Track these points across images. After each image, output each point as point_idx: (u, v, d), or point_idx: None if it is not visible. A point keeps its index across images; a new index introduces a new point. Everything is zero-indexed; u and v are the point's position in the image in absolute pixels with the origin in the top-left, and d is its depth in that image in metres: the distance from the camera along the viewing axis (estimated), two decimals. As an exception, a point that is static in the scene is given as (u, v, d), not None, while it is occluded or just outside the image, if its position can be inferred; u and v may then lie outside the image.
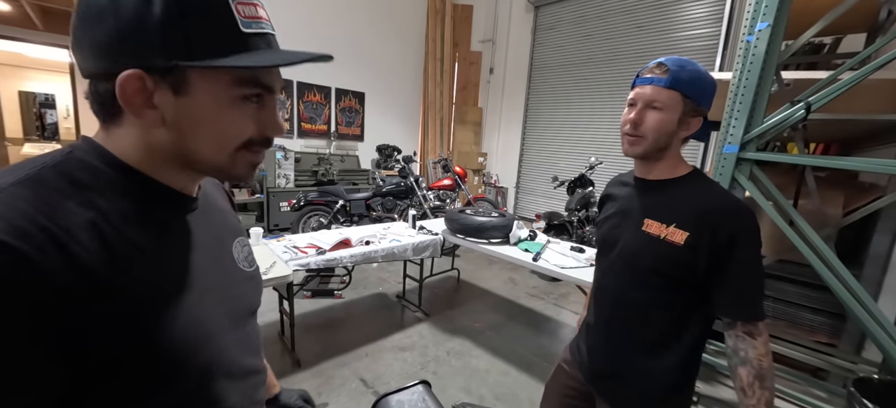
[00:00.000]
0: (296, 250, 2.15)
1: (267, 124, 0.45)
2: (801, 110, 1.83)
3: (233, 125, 0.43)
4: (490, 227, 2.53)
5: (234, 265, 0.55)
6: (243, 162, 0.45)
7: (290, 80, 5.19)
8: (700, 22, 4.41)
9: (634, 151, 0.87)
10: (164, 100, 0.40)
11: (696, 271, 0.81)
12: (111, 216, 0.38)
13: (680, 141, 0.87)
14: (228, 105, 0.42)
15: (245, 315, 0.56)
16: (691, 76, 0.81)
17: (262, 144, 0.46)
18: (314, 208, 4.08)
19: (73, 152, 0.40)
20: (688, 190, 0.86)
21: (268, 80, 0.44)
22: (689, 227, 0.81)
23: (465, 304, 3.16)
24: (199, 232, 0.49)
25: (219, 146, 0.43)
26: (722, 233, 0.78)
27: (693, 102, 0.82)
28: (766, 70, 1.90)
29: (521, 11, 6.12)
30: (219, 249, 0.54)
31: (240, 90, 0.42)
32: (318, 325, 2.64)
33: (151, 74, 0.38)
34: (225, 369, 0.48)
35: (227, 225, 0.58)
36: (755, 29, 1.93)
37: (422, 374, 2.17)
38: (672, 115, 0.82)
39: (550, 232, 3.84)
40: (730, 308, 0.80)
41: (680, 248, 0.81)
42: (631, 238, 0.91)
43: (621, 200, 0.98)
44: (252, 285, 0.58)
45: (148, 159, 0.43)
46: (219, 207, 0.58)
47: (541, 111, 6.10)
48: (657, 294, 0.87)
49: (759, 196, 1.93)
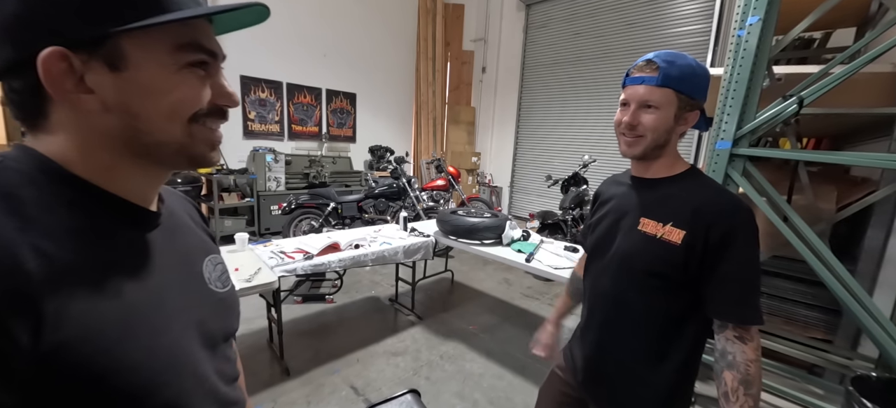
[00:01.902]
0: (283, 256, 2.09)
1: (218, 93, 0.42)
2: (794, 105, 1.81)
3: (182, 94, 0.39)
4: (482, 227, 2.49)
5: (204, 287, 0.50)
6: (201, 139, 0.42)
7: (280, 81, 5.12)
8: (691, 18, 4.41)
9: (633, 152, 0.84)
10: (101, 80, 0.35)
11: (689, 271, 0.78)
12: (55, 236, 0.33)
13: (678, 136, 0.84)
14: (174, 73, 0.38)
15: (219, 341, 0.50)
16: (682, 71, 0.78)
17: (216, 117, 0.43)
18: (305, 211, 4.01)
19: (4, 163, 0.35)
20: (685, 188, 0.83)
21: (210, 45, 0.40)
22: (685, 225, 0.78)
23: (459, 306, 3.12)
24: (163, 251, 0.44)
25: (172, 119, 0.39)
26: (717, 230, 0.75)
27: (687, 96, 0.79)
28: (758, 65, 1.88)
29: (513, 10, 6.09)
30: (187, 269, 0.49)
31: (182, 56, 0.38)
32: (308, 331, 2.59)
33: (78, 52, 0.34)
34: (199, 403, 0.43)
35: (197, 243, 0.53)
36: (746, 23, 1.90)
37: (414, 380, 2.12)
38: (668, 112, 0.79)
39: (545, 231, 3.81)
40: (721, 309, 0.76)
41: (677, 247, 0.78)
42: (626, 239, 0.87)
43: (616, 199, 0.94)
44: (226, 308, 0.53)
45: (93, 163, 0.38)
46: (187, 223, 0.53)
47: (534, 110, 6.08)
48: (654, 297, 0.83)
49: (752, 192, 1.91)
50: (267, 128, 5.10)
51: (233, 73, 4.66)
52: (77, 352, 0.32)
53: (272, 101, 5.09)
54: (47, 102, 0.36)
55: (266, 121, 5.08)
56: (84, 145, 0.37)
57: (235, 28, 0.46)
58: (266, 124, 5.09)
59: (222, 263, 0.57)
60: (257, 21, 0.44)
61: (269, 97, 5.06)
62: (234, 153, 4.78)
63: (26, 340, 0.29)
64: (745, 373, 0.73)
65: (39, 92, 0.34)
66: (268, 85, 5.02)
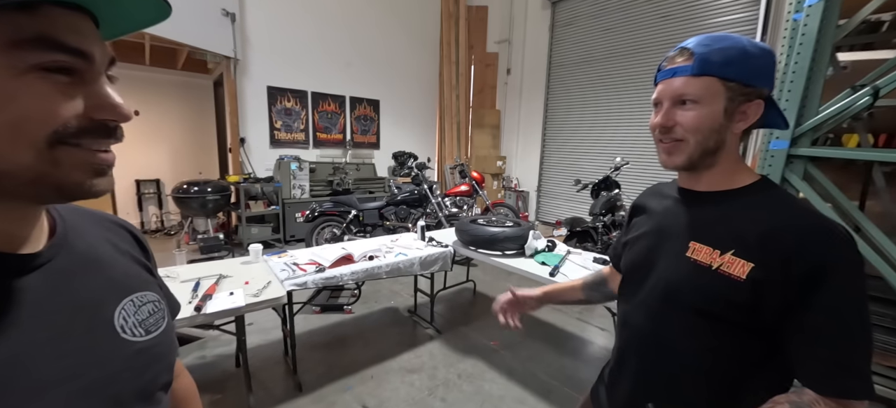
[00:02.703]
0: (295, 268, 2.04)
1: (94, 105, 0.32)
2: (867, 97, 1.54)
3: (27, 107, 0.29)
4: (503, 238, 2.34)
5: (113, 337, 0.41)
6: (73, 164, 0.32)
7: (305, 90, 5.20)
8: (734, 4, 4.04)
9: (675, 162, 0.67)
10: None
11: (761, 317, 0.59)
12: None
13: (737, 138, 0.65)
14: (10, 79, 0.28)
15: (133, 401, 0.41)
16: (726, 54, 0.61)
17: (97, 136, 0.33)
18: (328, 219, 4.01)
19: None
20: (752, 205, 0.64)
21: (74, 42, 0.31)
22: (753, 255, 0.59)
23: (480, 319, 2.97)
24: (43, 300, 0.35)
25: (14, 142, 0.29)
26: (801, 265, 0.55)
27: (739, 83, 0.61)
28: (820, 52, 1.62)
29: (538, 9, 5.89)
30: (85, 316, 0.39)
31: (26, 57, 0.29)
32: (324, 343, 2.53)
33: None
34: None
35: (111, 281, 0.43)
36: (804, 4, 1.65)
37: (429, 400, 2.00)
38: (713, 107, 0.62)
39: (573, 240, 3.59)
40: (811, 376, 0.57)
41: (740, 283, 0.59)
42: (670, 266, 0.69)
43: (659, 215, 0.76)
44: (145, 360, 0.43)
45: None
46: (100, 258, 0.44)
47: (561, 111, 5.83)
48: (706, 342, 0.65)
49: (815, 198, 1.65)
50: (292, 136, 5.20)
51: (259, 84, 4.79)
52: None
53: (297, 110, 5.19)
54: None
55: (292, 129, 5.18)
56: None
57: (135, 28, 0.36)
58: (292, 133, 5.19)
59: (154, 302, 0.47)
60: (159, 17, 0.35)
61: (294, 106, 5.15)
62: (261, 162, 4.90)
63: None
64: None
65: None
66: (293, 94, 5.12)
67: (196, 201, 4.27)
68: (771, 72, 0.63)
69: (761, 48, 0.63)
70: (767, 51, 0.63)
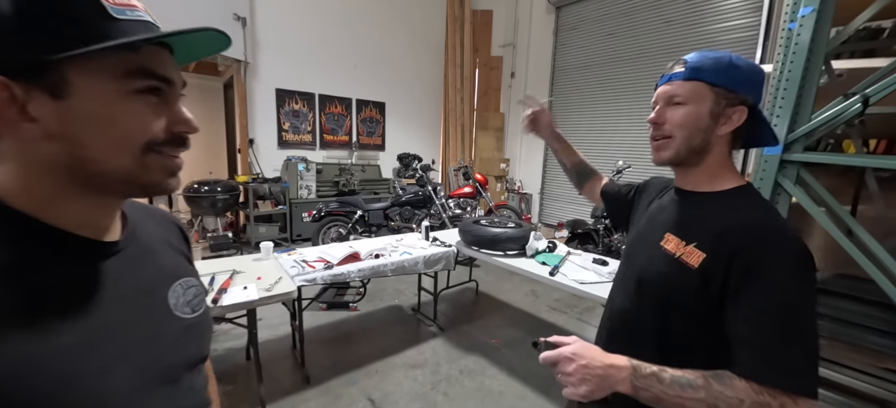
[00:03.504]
0: (304, 265, 2.12)
1: (173, 120, 0.40)
2: (858, 104, 1.59)
3: (130, 123, 0.37)
4: (505, 238, 2.40)
5: (168, 315, 0.48)
6: (156, 167, 0.40)
7: (313, 93, 5.31)
8: (736, 11, 4.08)
9: (662, 157, 0.74)
10: (43, 109, 0.34)
11: (709, 303, 0.65)
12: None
13: (724, 142, 0.71)
14: (120, 100, 0.37)
15: (182, 371, 0.49)
16: (715, 63, 0.68)
17: (173, 145, 0.41)
18: (334, 219, 4.10)
19: None
20: (726, 207, 0.70)
21: (162, 71, 0.39)
22: (707, 247, 0.66)
23: (482, 318, 3.04)
24: (117, 283, 0.43)
25: (119, 149, 0.37)
26: (743, 258, 0.61)
27: (725, 89, 0.68)
28: (813, 60, 1.68)
29: (542, 13, 5.96)
30: (147, 299, 0.47)
31: (131, 83, 0.37)
32: (330, 338, 2.61)
33: (18, 81, 0.33)
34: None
35: (165, 268, 0.51)
36: (798, 15, 1.71)
37: (431, 395, 2.07)
38: (699, 107, 0.69)
39: (574, 242, 3.65)
40: (747, 365, 0.59)
41: (693, 270, 0.66)
42: (647, 253, 0.78)
43: (653, 206, 0.85)
44: (192, 335, 0.51)
45: (36, 193, 0.37)
46: (155, 248, 0.52)
47: (565, 114, 5.88)
48: (668, 323, 0.72)
49: (808, 203, 1.69)
50: (300, 138, 5.30)
51: (268, 86, 4.90)
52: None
53: (305, 112, 5.29)
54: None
55: (299, 131, 5.28)
56: (27, 176, 0.36)
57: (200, 56, 0.44)
58: (299, 134, 5.29)
59: (196, 286, 0.55)
60: (220, 48, 0.43)
61: (302, 108, 5.25)
62: (269, 163, 5.00)
63: None
64: (716, 399, 0.59)
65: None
66: (301, 97, 5.22)
67: (206, 200, 4.38)
68: (757, 84, 0.69)
69: (749, 63, 0.70)
70: (755, 66, 0.70)
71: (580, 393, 0.63)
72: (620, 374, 0.63)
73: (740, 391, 0.59)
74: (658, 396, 0.62)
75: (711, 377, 0.61)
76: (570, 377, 0.63)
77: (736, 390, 0.59)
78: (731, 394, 0.59)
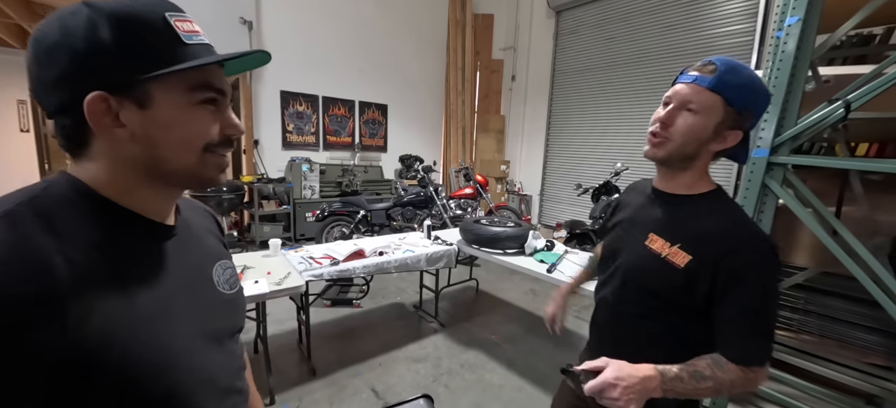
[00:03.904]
0: (311, 261, 2.20)
1: (225, 125, 0.49)
2: (841, 109, 1.67)
3: (195, 127, 0.46)
4: (504, 237, 2.48)
5: (213, 290, 0.57)
6: (211, 164, 0.48)
7: (316, 95, 5.40)
8: (733, 17, 4.17)
9: (655, 154, 0.78)
10: (131, 116, 0.43)
11: (693, 299, 0.75)
12: (81, 248, 0.40)
13: (710, 154, 0.77)
14: (188, 109, 0.45)
15: (225, 337, 0.57)
16: (743, 81, 0.71)
17: (224, 146, 0.49)
18: (337, 219, 4.18)
19: (49, 187, 0.43)
20: (702, 209, 0.78)
21: (219, 84, 0.47)
22: (692, 250, 0.74)
23: (482, 315, 3.11)
24: (176, 259, 0.51)
25: (186, 149, 0.46)
26: (725, 264, 0.71)
27: (736, 111, 0.72)
28: (798, 68, 1.76)
29: (542, 17, 6.05)
30: (197, 274, 0.55)
31: (196, 95, 0.45)
32: (335, 334, 2.69)
33: (114, 94, 0.41)
34: (198, 390, 0.49)
35: (209, 250, 0.60)
36: (785, 24, 1.79)
37: (433, 387, 2.15)
38: (707, 120, 0.72)
39: (572, 242, 3.72)
40: (723, 346, 0.74)
41: (679, 270, 0.75)
42: (632, 251, 0.85)
43: (633, 209, 0.92)
44: (232, 308, 0.60)
45: (120, 185, 0.45)
46: (200, 234, 0.60)
47: (564, 117, 5.97)
48: (655, 317, 0.81)
49: (795, 204, 1.77)
50: (303, 139, 5.39)
51: (273, 88, 5.00)
52: (94, 345, 0.38)
53: (309, 113, 5.38)
54: (89, 135, 0.43)
55: (303, 132, 5.37)
56: (114, 170, 0.45)
57: (243, 70, 0.53)
58: (303, 135, 5.38)
59: (232, 268, 0.63)
60: (260, 64, 0.51)
61: (306, 110, 5.34)
62: (273, 163, 5.09)
63: (55, 332, 0.36)
64: (719, 383, 0.71)
65: (83, 127, 0.42)
66: (305, 98, 5.31)
67: (213, 200, 4.46)
68: (760, 111, 0.76)
69: (765, 90, 0.75)
70: (768, 94, 0.76)
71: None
72: (653, 384, 0.71)
73: (733, 373, 0.72)
74: (679, 391, 0.72)
75: (713, 366, 0.73)
76: (617, 402, 0.69)
77: (728, 372, 0.72)
78: (725, 377, 0.72)
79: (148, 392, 0.43)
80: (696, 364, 0.73)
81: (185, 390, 0.47)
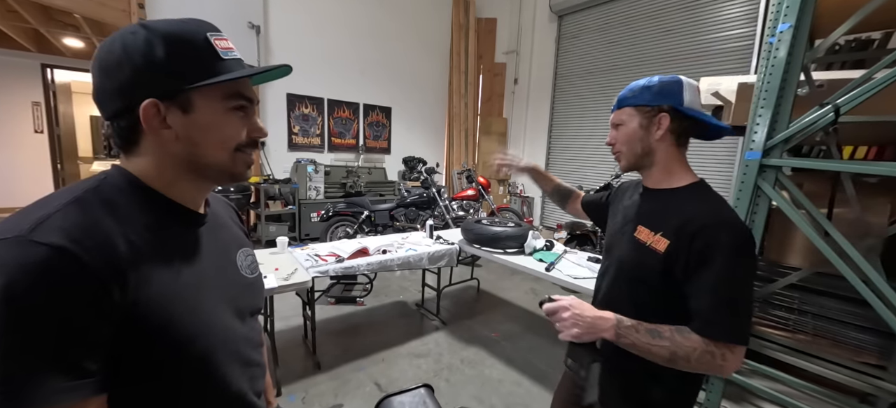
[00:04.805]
0: (317, 258, 2.28)
1: (252, 129, 0.57)
2: (830, 114, 1.72)
3: (229, 130, 0.54)
4: (504, 237, 2.54)
5: (237, 272, 0.65)
6: (240, 162, 0.56)
7: (322, 97, 5.50)
8: (733, 22, 4.21)
9: (621, 166, 0.95)
10: (176, 120, 0.50)
11: (673, 281, 0.80)
12: (137, 229, 0.48)
13: (668, 143, 0.87)
14: (223, 114, 0.53)
15: (247, 314, 0.64)
16: (634, 91, 0.89)
17: (251, 146, 0.57)
18: (341, 219, 4.26)
19: (106, 178, 0.51)
20: (685, 199, 0.86)
21: (248, 93, 0.55)
22: (671, 235, 0.81)
23: (483, 313, 3.17)
24: (207, 243, 0.59)
25: (221, 148, 0.54)
26: (698, 243, 0.77)
27: (644, 106, 0.87)
28: (790, 72, 1.81)
29: (545, 21, 6.12)
30: (224, 257, 0.63)
31: (229, 102, 0.53)
32: (339, 330, 2.76)
33: (163, 101, 0.49)
34: (226, 356, 0.56)
35: (233, 238, 0.68)
36: (777, 30, 1.85)
37: (434, 381, 2.20)
38: (630, 124, 0.89)
39: (573, 243, 3.77)
40: (701, 325, 0.76)
41: (660, 255, 0.82)
42: (624, 243, 0.93)
43: (626, 205, 1.01)
44: (253, 289, 0.67)
45: (163, 178, 0.53)
46: (226, 223, 0.68)
47: (566, 120, 6.03)
48: (646, 306, 0.86)
49: (787, 206, 1.82)
50: (309, 140, 5.48)
51: (279, 91, 5.09)
52: (146, 308, 0.46)
53: (314, 115, 5.47)
54: (140, 135, 0.51)
55: (308, 134, 5.47)
56: (160, 165, 0.52)
57: (267, 80, 0.61)
58: (308, 137, 5.47)
59: (252, 255, 0.70)
60: (282, 76, 0.59)
61: (311, 112, 5.44)
62: (279, 164, 5.18)
63: (118, 296, 0.44)
64: (677, 346, 0.75)
65: (136, 128, 0.50)
66: (310, 101, 5.41)
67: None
68: (672, 93, 0.86)
69: (661, 80, 0.87)
70: (668, 80, 0.87)
71: (572, 334, 0.79)
72: (606, 324, 0.79)
73: (695, 342, 0.76)
74: (634, 342, 0.78)
75: (675, 330, 0.78)
76: (564, 322, 0.80)
77: (692, 342, 0.76)
78: (687, 344, 0.76)
79: (188, 352, 0.50)
80: (659, 326, 0.78)
81: (218, 355, 0.54)
